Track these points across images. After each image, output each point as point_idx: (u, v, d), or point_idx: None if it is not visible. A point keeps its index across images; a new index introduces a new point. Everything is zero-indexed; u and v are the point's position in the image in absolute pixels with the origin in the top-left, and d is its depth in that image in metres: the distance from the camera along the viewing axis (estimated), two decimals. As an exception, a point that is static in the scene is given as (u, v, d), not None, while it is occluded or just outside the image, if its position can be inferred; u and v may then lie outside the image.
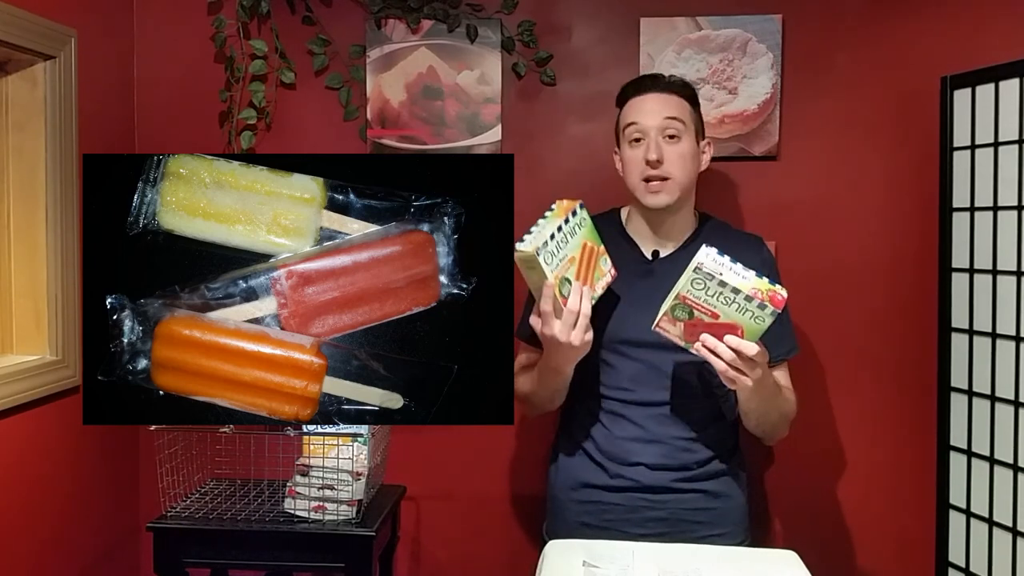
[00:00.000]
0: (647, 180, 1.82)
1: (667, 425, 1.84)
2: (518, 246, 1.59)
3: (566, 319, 1.64)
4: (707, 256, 1.59)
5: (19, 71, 1.97)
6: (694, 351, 1.64)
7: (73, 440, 2.09)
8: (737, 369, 1.62)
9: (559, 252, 1.64)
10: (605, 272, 1.76)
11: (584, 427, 1.91)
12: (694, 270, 1.58)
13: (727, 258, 1.60)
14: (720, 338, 1.61)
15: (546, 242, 1.61)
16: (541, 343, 1.75)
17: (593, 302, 1.69)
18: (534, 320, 1.70)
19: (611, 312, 1.83)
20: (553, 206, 1.70)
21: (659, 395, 1.84)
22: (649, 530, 1.82)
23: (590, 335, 1.68)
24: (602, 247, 1.76)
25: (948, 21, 2.19)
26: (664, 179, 1.81)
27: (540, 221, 1.66)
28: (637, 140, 1.83)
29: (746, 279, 1.58)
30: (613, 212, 1.99)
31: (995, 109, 1.97)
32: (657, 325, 1.65)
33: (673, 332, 1.65)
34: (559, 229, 1.65)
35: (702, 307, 1.60)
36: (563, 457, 1.97)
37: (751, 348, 1.60)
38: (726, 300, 1.59)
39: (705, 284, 1.58)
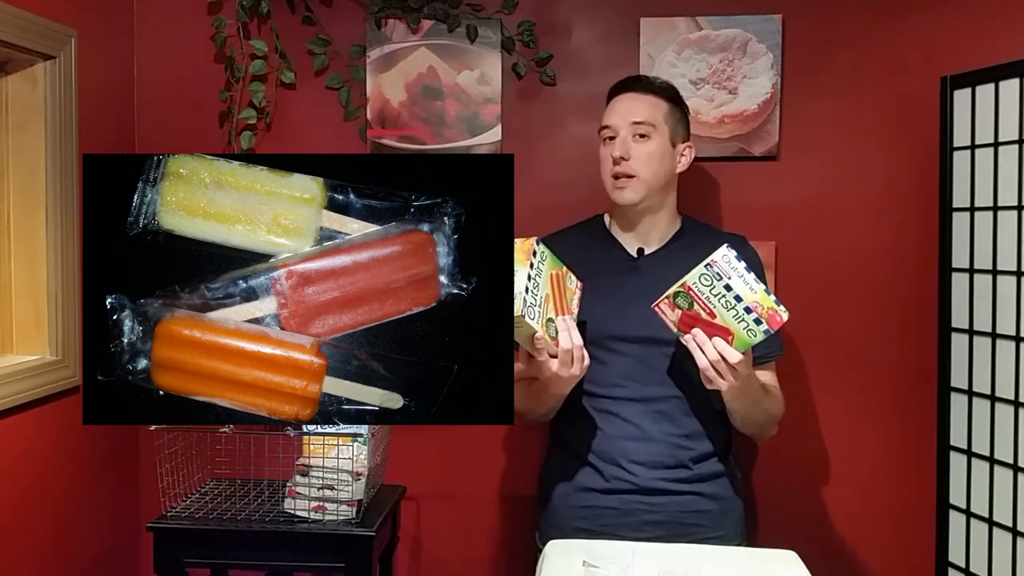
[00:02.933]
0: (615, 177, 1.85)
1: (661, 422, 1.84)
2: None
3: (563, 359, 1.66)
4: (723, 256, 1.62)
5: (19, 71, 1.97)
6: (683, 341, 1.67)
7: (73, 440, 2.09)
8: (718, 372, 1.65)
9: (537, 299, 1.63)
10: (574, 290, 1.76)
11: (576, 428, 1.90)
12: (705, 266, 1.62)
13: (743, 264, 1.62)
14: (710, 338, 1.64)
15: (524, 299, 1.59)
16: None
17: (575, 321, 1.71)
18: (523, 366, 1.71)
19: (599, 309, 1.84)
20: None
21: (651, 391, 1.85)
22: (646, 533, 1.81)
23: (587, 360, 1.70)
24: (564, 268, 1.74)
25: (948, 21, 2.19)
26: (629, 176, 1.84)
27: None
28: (610, 139, 1.88)
29: (753, 291, 1.61)
30: (597, 217, 2.01)
31: (995, 109, 1.97)
32: (657, 305, 1.68)
33: (669, 317, 1.68)
34: (529, 279, 1.62)
35: (702, 303, 1.63)
36: (556, 460, 1.97)
37: (734, 356, 1.63)
38: (726, 304, 1.62)
39: (712, 283, 1.62)
